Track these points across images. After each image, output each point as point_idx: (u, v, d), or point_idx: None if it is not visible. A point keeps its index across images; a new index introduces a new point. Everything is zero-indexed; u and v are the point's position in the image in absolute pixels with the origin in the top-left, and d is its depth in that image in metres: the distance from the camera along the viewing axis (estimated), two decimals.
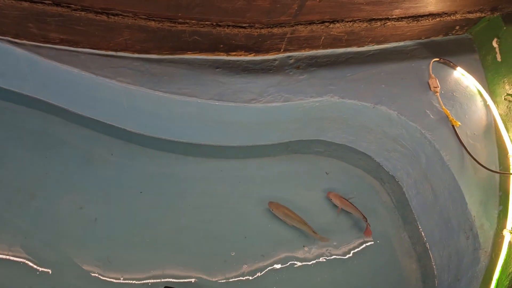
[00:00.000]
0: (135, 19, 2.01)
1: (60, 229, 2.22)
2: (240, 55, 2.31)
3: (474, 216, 2.05)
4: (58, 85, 2.27)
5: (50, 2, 1.92)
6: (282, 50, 2.34)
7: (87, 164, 2.43)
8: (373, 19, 2.26)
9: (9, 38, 2.12)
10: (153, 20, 2.02)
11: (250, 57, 2.34)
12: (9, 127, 2.46)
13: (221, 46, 2.22)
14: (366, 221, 2.35)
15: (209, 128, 2.37)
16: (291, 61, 2.38)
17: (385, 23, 2.29)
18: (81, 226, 2.24)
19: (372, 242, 2.41)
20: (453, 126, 2.26)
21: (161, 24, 2.04)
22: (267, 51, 2.32)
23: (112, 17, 1.99)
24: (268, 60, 2.36)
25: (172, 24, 2.05)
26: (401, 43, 2.54)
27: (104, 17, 1.99)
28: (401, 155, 2.43)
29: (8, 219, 2.21)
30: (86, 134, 2.50)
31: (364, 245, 2.41)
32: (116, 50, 2.20)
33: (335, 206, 2.45)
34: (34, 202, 2.26)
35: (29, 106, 2.50)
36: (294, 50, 2.37)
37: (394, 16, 2.27)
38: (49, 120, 2.51)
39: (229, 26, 2.10)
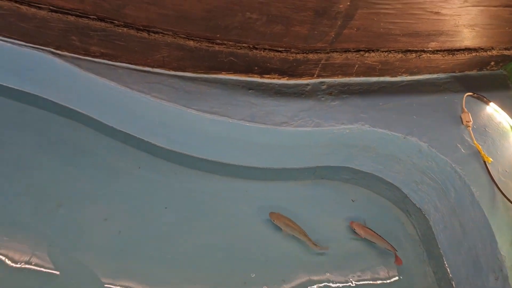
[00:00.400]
0: (175, 38, 2.05)
1: (84, 239, 2.24)
2: (274, 78, 2.33)
3: (504, 256, 1.99)
4: (94, 97, 2.32)
5: (95, 17, 1.98)
6: (315, 76, 2.36)
7: (114, 175, 2.46)
8: (409, 51, 2.27)
9: (52, 49, 2.18)
10: (192, 39, 2.06)
11: (283, 81, 2.36)
12: (41, 134, 2.52)
13: (256, 68, 2.25)
14: (395, 251, 2.31)
15: (238, 148, 2.38)
16: (324, 87, 2.39)
17: (420, 55, 2.30)
18: (104, 238, 2.25)
19: (396, 276, 2.36)
20: (484, 162, 2.22)
21: (199, 43, 2.08)
22: (300, 75, 2.34)
23: (153, 34, 2.04)
24: (300, 85, 2.38)
25: (210, 45, 2.09)
26: (434, 75, 2.54)
27: (145, 34, 2.04)
28: (430, 187, 2.39)
29: (35, 225, 2.23)
30: (115, 146, 2.54)
31: (387, 277, 2.36)
32: (152, 67, 2.24)
33: (358, 235, 2.42)
34: (61, 210, 2.28)
35: (61, 115, 2.57)
36: (327, 76, 2.38)
37: (430, 49, 2.28)
38: (80, 130, 2.57)
39: (265, 49, 2.12)
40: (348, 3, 1.86)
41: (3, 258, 2.10)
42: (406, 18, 2.00)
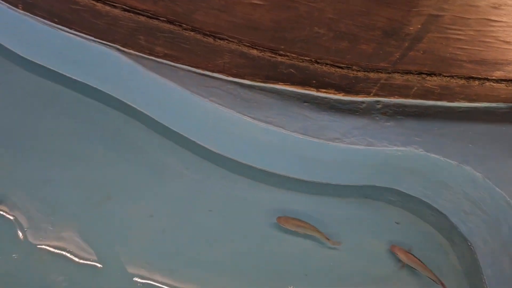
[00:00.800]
0: (239, 45, 2.08)
1: (129, 234, 2.27)
2: (330, 93, 2.32)
3: None
4: (153, 95, 2.37)
5: (165, 19, 2.03)
6: (371, 94, 2.34)
7: (163, 174, 2.50)
8: (472, 77, 2.22)
9: (118, 46, 2.24)
10: (256, 48, 2.09)
11: (339, 96, 2.34)
12: (97, 127, 2.58)
13: (314, 82, 2.25)
14: (440, 282, 2.25)
15: (287, 160, 2.38)
16: (379, 106, 2.37)
17: (483, 83, 2.25)
18: (149, 235, 2.29)
19: None
20: None
21: (262, 53, 2.10)
22: (357, 93, 2.32)
23: (218, 40, 2.07)
24: (356, 102, 2.36)
25: (273, 55, 2.11)
26: (494, 104, 2.47)
27: (210, 40, 2.07)
28: (480, 220, 2.32)
29: (83, 215, 2.29)
30: (166, 144, 2.58)
31: None
32: (212, 71, 2.27)
33: (399, 260, 2.37)
34: (109, 203, 2.33)
35: (118, 109, 2.63)
36: (384, 96, 2.35)
37: (494, 77, 2.22)
38: (133, 126, 2.62)
39: (327, 64, 2.13)
40: (419, 26, 1.84)
41: (48, 246, 2.16)
42: (475, 45, 1.97)
